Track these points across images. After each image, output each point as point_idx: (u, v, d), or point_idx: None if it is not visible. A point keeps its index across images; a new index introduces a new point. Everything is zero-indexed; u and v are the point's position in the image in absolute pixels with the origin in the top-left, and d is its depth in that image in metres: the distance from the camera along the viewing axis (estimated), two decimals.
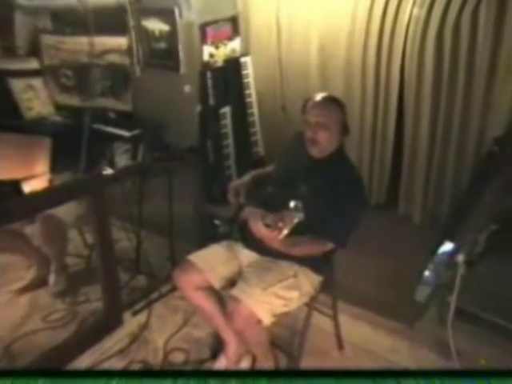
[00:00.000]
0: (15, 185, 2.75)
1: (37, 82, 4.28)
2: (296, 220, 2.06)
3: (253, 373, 2.41)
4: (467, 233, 2.82)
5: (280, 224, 2.05)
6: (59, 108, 4.41)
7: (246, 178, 2.65)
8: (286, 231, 2.05)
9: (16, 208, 2.46)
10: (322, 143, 2.34)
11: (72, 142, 3.23)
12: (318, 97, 2.37)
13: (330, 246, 2.35)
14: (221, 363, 2.63)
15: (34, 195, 2.68)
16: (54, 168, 3.14)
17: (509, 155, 3.08)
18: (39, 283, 3.32)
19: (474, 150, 3.68)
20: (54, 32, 4.47)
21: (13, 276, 3.39)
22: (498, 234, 2.84)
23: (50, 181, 3.07)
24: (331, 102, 2.36)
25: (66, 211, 3.07)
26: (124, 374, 2.11)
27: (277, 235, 2.07)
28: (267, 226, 2.13)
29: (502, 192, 2.98)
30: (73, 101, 4.45)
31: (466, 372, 1.88)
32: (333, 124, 2.33)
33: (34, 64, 4.35)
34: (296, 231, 2.12)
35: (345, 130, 2.39)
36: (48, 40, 4.42)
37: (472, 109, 3.60)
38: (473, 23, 3.38)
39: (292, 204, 2.09)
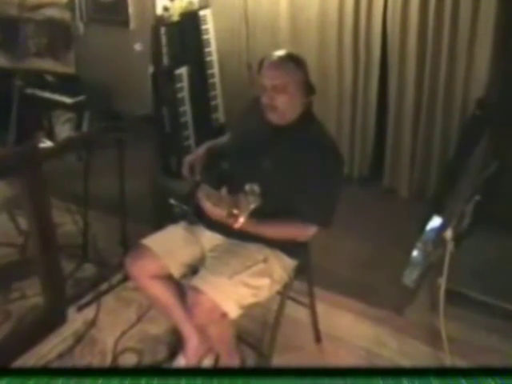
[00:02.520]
0: None
1: None
2: (252, 206, 2.02)
3: (216, 372, 2.41)
4: (455, 204, 2.86)
5: (235, 211, 2.01)
6: None
7: (201, 150, 2.60)
8: (242, 219, 2.01)
9: None
10: (281, 108, 2.29)
11: None
12: (274, 56, 2.32)
13: (313, 228, 2.32)
14: (179, 363, 2.61)
15: None
16: None
17: (490, 117, 3.19)
18: None
19: (459, 114, 3.75)
20: None
21: None
22: (483, 206, 2.91)
23: None
24: (288, 60, 2.30)
25: None
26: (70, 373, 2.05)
27: (233, 223, 2.03)
28: (215, 205, 2.10)
29: (485, 156, 3.09)
30: None
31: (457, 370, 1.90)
32: (291, 86, 2.27)
33: None
34: (270, 212, 2.10)
35: (309, 89, 2.34)
36: None
37: (456, 68, 3.67)
38: None
39: (247, 187, 2.05)
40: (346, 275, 3.29)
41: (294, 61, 2.31)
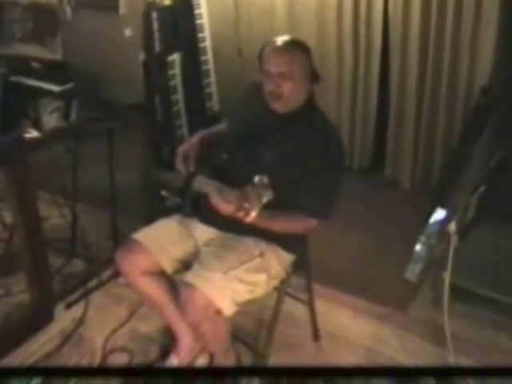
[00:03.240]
0: None
1: None
2: (265, 199, 1.99)
3: (210, 372, 2.36)
4: (459, 196, 2.87)
5: (246, 205, 1.98)
6: None
7: (194, 139, 2.58)
8: (254, 213, 1.98)
9: None
10: (287, 96, 2.28)
11: None
12: (278, 41, 2.30)
13: (313, 221, 2.31)
14: (172, 362, 2.62)
15: None
16: None
17: (495, 105, 3.21)
18: None
19: (464, 103, 3.77)
20: None
21: None
22: (488, 197, 2.89)
23: None
24: (294, 46, 2.29)
25: None
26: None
27: (244, 217, 2.00)
28: (228, 201, 2.06)
29: (490, 145, 3.12)
30: None
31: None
32: (298, 72, 2.26)
33: None
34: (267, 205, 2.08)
35: (313, 77, 2.33)
36: None
37: (460, 54, 3.69)
38: None
39: (257, 179, 2.01)
40: (345, 270, 3.30)
41: (299, 47, 2.30)
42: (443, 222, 2.79)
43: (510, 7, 3.38)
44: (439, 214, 2.83)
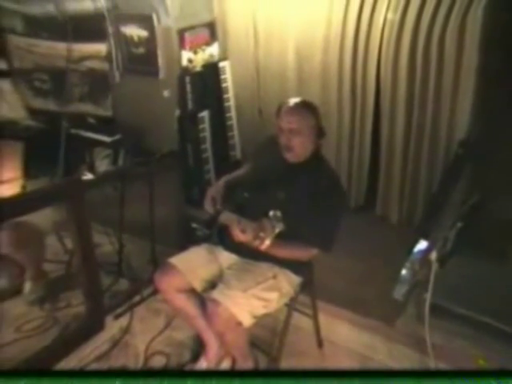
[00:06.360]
0: None
1: (4, 84, 4.15)
2: (277, 230, 2.04)
3: (232, 374, 2.38)
4: (439, 231, 2.86)
5: (261, 234, 2.02)
6: (34, 112, 4.28)
7: (220, 184, 2.58)
8: (268, 241, 2.03)
9: None
10: (297, 149, 2.31)
11: (49, 147, 3.17)
12: (291, 102, 2.34)
13: (315, 251, 2.34)
14: (201, 365, 2.62)
15: (3, 201, 2.56)
16: (29, 173, 3.03)
17: (471, 155, 3.17)
18: (11, 294, 3.21)
19: (444, 153, 3.73)
20: (25, 34, 4.39)
21: None
22: (464, 232, 2.92)
23: (23, 187, 2.98)
24: (304, 107, 2.33)
25: (43, 217, 2.99)
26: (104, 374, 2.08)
27: (259, 245, 2.04)
28: (244, 231, 2.10)
29: (466, 190, 3.07)
30: (49, 105, 4.37)
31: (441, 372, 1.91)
32: (306, 129, 2.30)
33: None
34: (278, 235, 2.10)
35: (320, 133, 2.36)
36: (17, 41, 4.32)
37: (441, 112, 3.65)
38: (443, 28, 3.42)
39: (271, 213, 2.07)
40: (344, 290, 3.29)
41: (308, 107, 2.33)
42: (425, 252, 2.78)
43: (485, 74, 3.34)
44: (422, 245, 2.81)
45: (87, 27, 3.95)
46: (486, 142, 3.32)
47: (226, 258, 2.52)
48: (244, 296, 2.25)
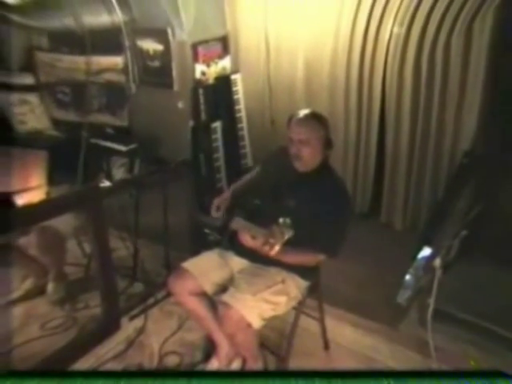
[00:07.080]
0: (7, 197, 2.68)
1: (32, 97, 4.25)
2: (286, 236, 2.05)
3: (243, 374, 2.42)
4: (443, 239, 2.84)
5: (271, 240, 2.04)
6: (56, 123, 4.38)
7: (226, 194, 2.63)
8: (277, 247, 2.04)
9: (12, 220, 2.41)
10: (306, 159, 2.33)
11: (70, 155, 3.18)
12: (301, 114, 2.35)
13: (321, 257, 2.35)
14: (212, 365, 2.62)
15: (30, 207, 2.63)
16: (52, 180, 3.07)
17: (476, 166, 3.17)
18: (36, 293, 3.27)
19: (448, 162, 3.73)
20: (50, 50, 4.47)
21: (6, 288, 3.26)
22: (468, 240, 2.90)
23: (48, 193, 3.02)
24: (313, 118, 2.34)
25: (64, 222, 3.04)
26: (121, 375, 2.11)
27: (269, 251, 2.05)
28: (253, 237, 2.12)
29: (470, 199, 3.06)
30: (70, 116, 4.45)
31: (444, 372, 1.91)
32: (315, 140, 2.31)
33: (28, 79, 4.32)
34: (287, 241, 2.11)
35: (328, 144, 2.37)
36: (43, 57, 4.41)
37: (446, 123, 3.65)
38: (448, 41, 3.43)
39: (281, 220, 2.08)
40: (349, 295, 3.29)
41: (317, 119, 2.33)
42: (429, 258, 2.75)
43: (492, 87, 3.35)
44: (425, 252, 2.78)
45: (105, 41, 3.96)
46: (491, 154, 3.33)
47: (237, 262, 2.53)
48: (254, 299, 2.26)
